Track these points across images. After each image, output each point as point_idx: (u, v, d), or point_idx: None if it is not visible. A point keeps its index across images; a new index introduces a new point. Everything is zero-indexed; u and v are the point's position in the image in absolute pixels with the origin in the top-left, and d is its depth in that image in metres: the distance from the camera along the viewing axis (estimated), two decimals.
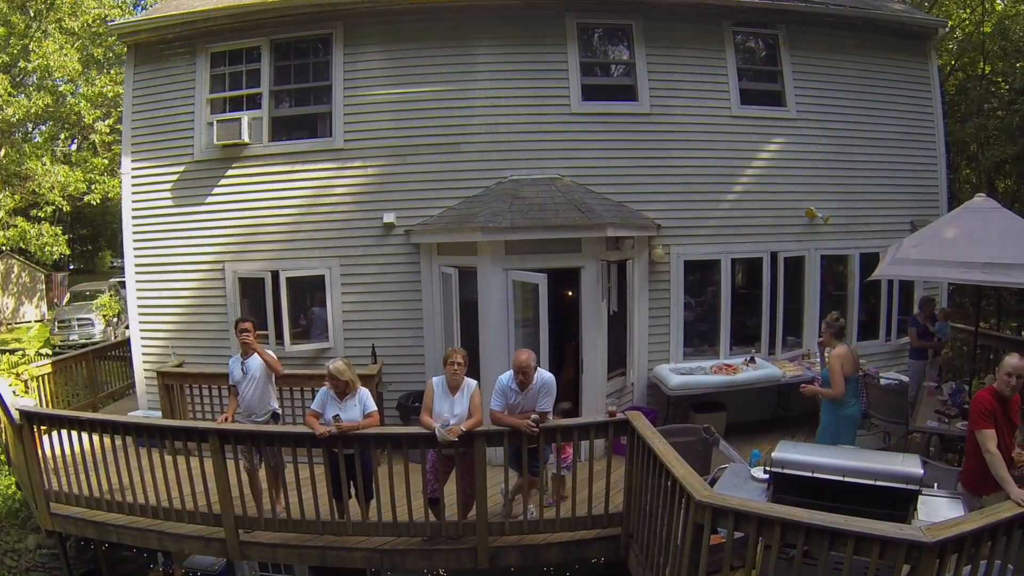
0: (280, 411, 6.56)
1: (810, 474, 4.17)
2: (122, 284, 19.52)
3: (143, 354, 8.94)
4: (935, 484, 4.84)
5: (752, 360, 8.32)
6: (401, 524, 5.77)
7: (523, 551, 5.86)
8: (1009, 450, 4.60)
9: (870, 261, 8.49)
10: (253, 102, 8.55)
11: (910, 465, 4.08)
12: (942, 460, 6.50)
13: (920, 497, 4.21)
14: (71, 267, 26.15)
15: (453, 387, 5.52)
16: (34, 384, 9.02)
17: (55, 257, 18.58)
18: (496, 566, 5.95)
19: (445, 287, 7.79)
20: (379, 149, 8.21)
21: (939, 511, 4.17)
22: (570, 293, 7.56)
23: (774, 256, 8.80)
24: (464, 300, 7.58)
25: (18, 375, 9.15)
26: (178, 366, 8.34)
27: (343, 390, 5.58)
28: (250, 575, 8.66)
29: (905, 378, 8.43)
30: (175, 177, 8.65)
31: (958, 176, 19.68)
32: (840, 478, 4.08)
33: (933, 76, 9.67)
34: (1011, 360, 4.55)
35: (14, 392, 8.15)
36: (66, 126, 19.95)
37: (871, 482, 4.01)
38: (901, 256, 6.63)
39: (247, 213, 8.48)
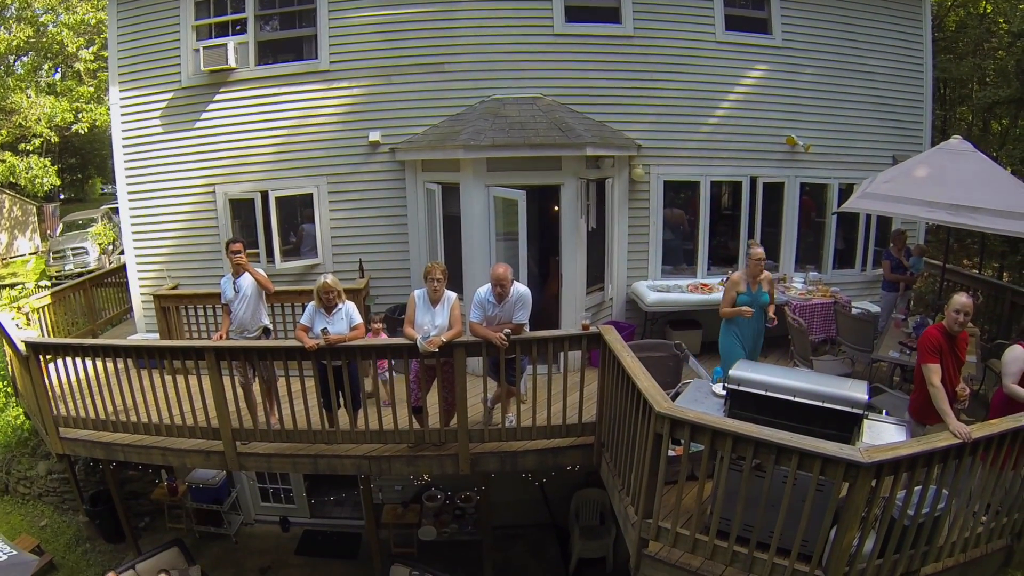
0: (271, 327, 6.78)
1: (763, 392, 4.38)
2: (114, 210, 19.44)
3: (139, 279, 9.15)
4: (884, 411, 5.06)
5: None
6: (387, 432, 6.05)
7: (502, 457, 6.14)
8: (953, 384, 4.79)
9: (849, 191, 8.58)
10: (239, 27, 8.51)
11: (856, 391, 4.27)
12: (903, 389, 6.70)
13: (867, 421, 4.43)
14: (61, 197, 25.89)
15: (434, 300, 5.70)
16: (35, 316, 9.18)
17: (46, 189, 18.52)
18: (477, 471, 6.27)
19: (429, 203, 7.99)
20: (365, 70, 8.27)
21: (883, 436, 4.37)
22: (556, 208, 7.71)
23: (753, 181, 8.96)
24: (447, 215, 7.78)
25: (19, 308, 9.25)
26: (173, 288, 8.55)
27: (334, 303, 5.78)
28: (248, 486, 9.14)
29: (875, 308, 8.63)
30: (164, 104, 8.69)
31: (953, 114, 19.56)
32: (790, 398, 4.31)
33: (925, 13, 9.57)
34: (958, 298, 4.74)
35: (17, 325, 8.31)
36: (49, 56, 19.56)
37: (819, 404, 4.23)
38: (871, 191, 6.70)
39: (236, 136, 8.58)
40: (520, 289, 5.74)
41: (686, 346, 7.28)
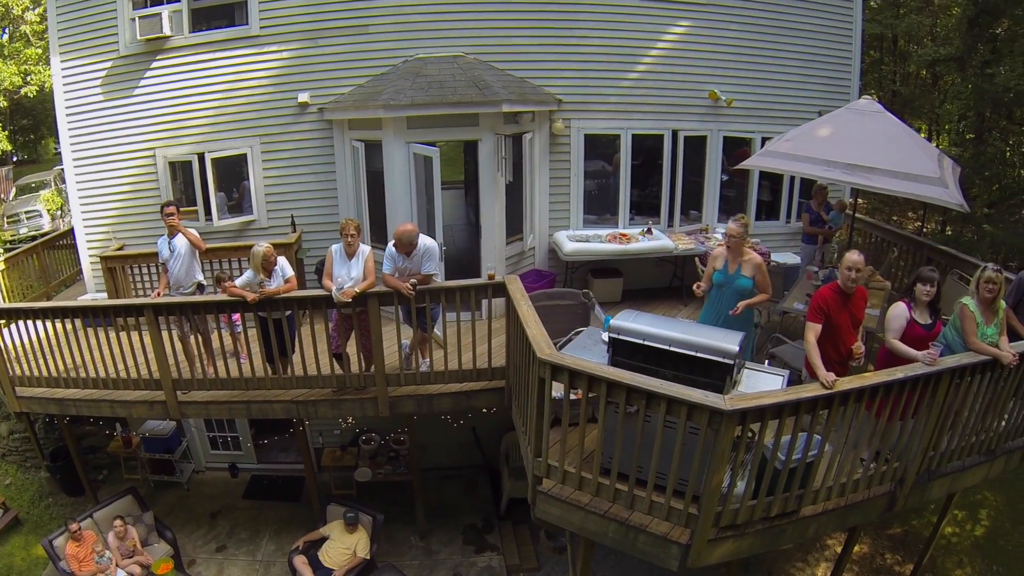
0: (205, 282, 7.10)
1: (640, 341, 4.56)
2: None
3: (87, 242, 9.35)
4: (767, 361, 5.34)
5: (649, 231, 8.84)
6: (312, 378, 6.47)
7: (418, 400, 6.56)
8: (848, 343, 4.86)
9: None
10: None
11: (729, 342, 4.43)
12: None
13: (748, 371, 4.71)
14: (15, 159, 25.40)
15: (350, 254, 6.07)
16: None
17: None
18: (396, 414, 6.70)
19: (355, 160, 8.28)
20: (293, 33, 8.44)
21: (760, 385, 4.56)
22: None
23: (675, 134, 9.16)
24: (372, 171, 8.08)
25: None
26: (119, 249, 8.76)
27: (273, 265, 6.13)
28: (197, 435, 9.53)
29: (795, 259, 8.94)
30: (104, 73, 8.81)
31: (902, 68, 19.88)
32: (666, 347, 4.48)
33: None
34: (849, 256, 4.81)
35: None
36: None
37: (692, 353, 4.40)
38: (772, 148, 6.85)
39: (173, 101, 8.76)
40: (427, 242, 6.12)
41: (605, 294, 7.66)
